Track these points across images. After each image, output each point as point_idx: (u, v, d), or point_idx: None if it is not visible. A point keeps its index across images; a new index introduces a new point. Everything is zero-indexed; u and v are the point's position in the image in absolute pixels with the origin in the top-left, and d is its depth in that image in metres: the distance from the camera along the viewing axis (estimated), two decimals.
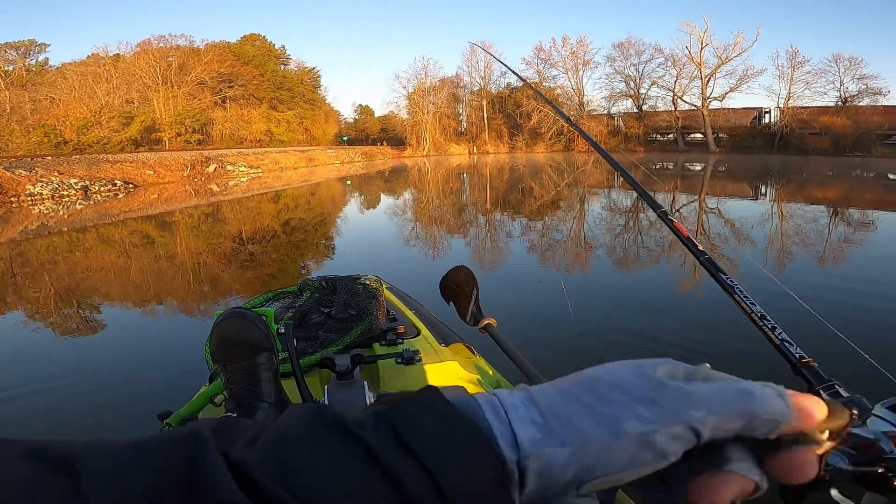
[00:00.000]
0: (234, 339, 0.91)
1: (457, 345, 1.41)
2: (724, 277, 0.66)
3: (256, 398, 0.90)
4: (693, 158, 29.12)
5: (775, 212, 8.54)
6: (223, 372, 0.93)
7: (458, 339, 1.51)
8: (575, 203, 10.62)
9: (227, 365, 0.92)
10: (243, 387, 0.90)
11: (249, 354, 0.91)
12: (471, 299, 1.39)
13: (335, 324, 1.33)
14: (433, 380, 1.14)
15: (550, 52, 40.51)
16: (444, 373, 1.15)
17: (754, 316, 0.57)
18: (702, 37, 34.97)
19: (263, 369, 0.92)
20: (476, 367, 1.26)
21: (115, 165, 15.90)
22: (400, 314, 1.58)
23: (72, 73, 32.19)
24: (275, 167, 23.72)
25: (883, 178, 16.30)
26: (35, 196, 12.15)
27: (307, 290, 1.51)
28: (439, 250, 5.97)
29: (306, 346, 1.24)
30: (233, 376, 0.91)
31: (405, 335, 1.39)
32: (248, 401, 0.89)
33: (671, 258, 5.01)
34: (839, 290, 3.79)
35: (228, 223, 8.83)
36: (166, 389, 2.31)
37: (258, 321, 0.93)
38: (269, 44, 42.00)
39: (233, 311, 0.93)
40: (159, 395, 2.26)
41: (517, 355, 1.19)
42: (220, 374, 0.95)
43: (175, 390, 2.16)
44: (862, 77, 32.08)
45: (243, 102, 37.31)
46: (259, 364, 0.91)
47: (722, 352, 2.63)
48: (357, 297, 1.39)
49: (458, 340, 1.48)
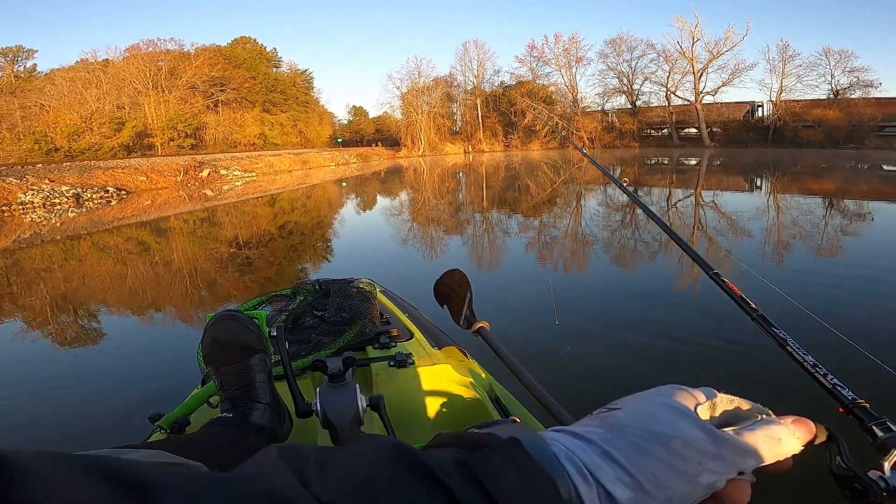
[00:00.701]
0: (226, 341, 0.91)
1: (450, 348, 1.41)
2: (777, 332, 0.68)
3: (252, 399, 0.90)
4: (688, 153, 29.21)
5: (781, 209, 8.51)
6: (216, 374, 0.92)
7: (451, 342, 1.51)
8: (571, 201, 10.58)
9: (220, 367, 0.91)
10: (238, 388, 0.90)
11: (242, 356, 0.91)
12: (464, 303, 1.40)
13: (328, 327, 1.33)
14: (426, 383, 1.14)
15: (543, 50, 40.55)
16: (436, 376, 1.16)
17: (807, 365, 0.60)
18: (693, 32, 35.08)
19: (257, 371, 0.92)
20: (469, 371, 1.26)
21: (107, 172, 15.78)
22: (393, 317, 1.59)
23: (61, 79, 31.95)
24: (269, 171, 23.63)
25: (878, 170, 16.36)
26: (26, 205, 12.02)
27: (300, 293, 1.51)
28: (433, 252, 5.95)
29: (299, 350, 1.24)
30: (226, 378, 0.91)
31: (398, 338, 1.40)
32: (244, 402, 0.89)
33: (666, 258, 5.00)
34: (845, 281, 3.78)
35: (223, 228, 8.80)
36: (157, 393, 2.30)
37: (250, 324, 0.93)
38: (261, 46, 41.84)
39: (224, 314, 0.93)
40: (151, 398, 2.26)
41: (510, 359, 1.20)
42: (212, 376, 0.94)
43: (166, 393, 2.17)
44: (853, 70, 32.29)
45: (236, 106, 37.15)
46: (252, 366, 0.91)
47: (720, 345, 2.61)
48: (350, 301, 1.39)
49: (451, 344, 1.48)
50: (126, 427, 1.99)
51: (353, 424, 0.79)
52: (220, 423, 0.86)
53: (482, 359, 1.40)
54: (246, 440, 0.82)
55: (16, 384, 2.63)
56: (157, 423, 0.99)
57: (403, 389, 1.13)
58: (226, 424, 0.85)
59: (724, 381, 0.40)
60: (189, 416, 1.02)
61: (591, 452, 0.25)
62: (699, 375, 2.36)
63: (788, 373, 0.70)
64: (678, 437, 0.26)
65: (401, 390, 1.13)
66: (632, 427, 0.26)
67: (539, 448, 0.25)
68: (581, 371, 2.49)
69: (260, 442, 0.83)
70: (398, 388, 1.13)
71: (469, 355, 1.41)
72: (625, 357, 2.63)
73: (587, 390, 2.29)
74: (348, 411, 0.79)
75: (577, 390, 2.27)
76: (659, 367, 2.48)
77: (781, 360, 0.63)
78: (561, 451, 0.25)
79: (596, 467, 0.24)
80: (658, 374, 2.38)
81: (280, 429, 0.92)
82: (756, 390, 0.77)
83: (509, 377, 1.20)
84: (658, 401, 0.28)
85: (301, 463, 0.23)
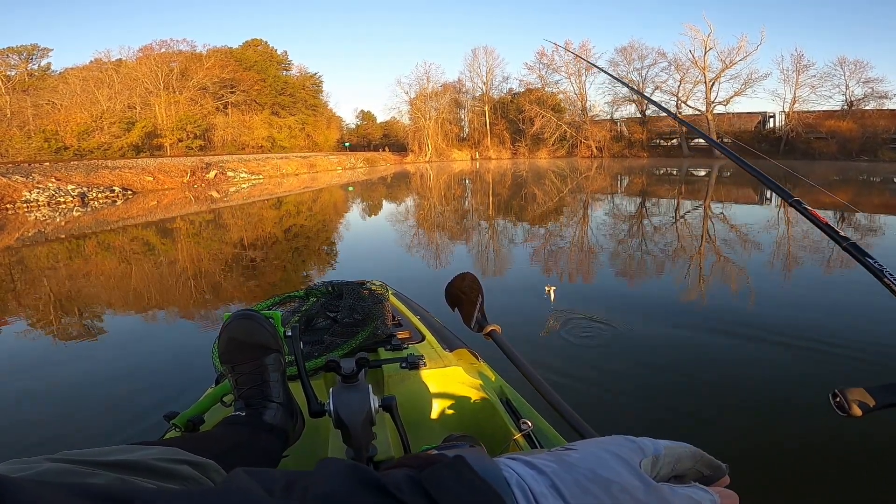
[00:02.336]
0: (242, 340, 0.91)
1: (461, 350, 1.43)
2: (871, 262, 0.67)
3: (266, 398, 0.90)
4: (698, 163, 28.97)
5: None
6: (231, 373, 0.93)
7: (462, 344, 1.53)
8: (578, 209, 10.43)
9: (235, 366, 0.92)
10: (252, 387, 0.91)
11: (258, 355, 0.92)
12: (476, 306, 1.40)
13: (341, 328, 1.34)
14: (437, 385, 1.17)
15: (553, 57, 40.47)
16: (447, 378, 1.18)
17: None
18: (705, 41, 34.91)
19: (272, 370, 0.92)
20: (479, 373, 1.27)
21: (114, 172, 15.77)
22: (405, 319, 1.62)
23: (74, 78, 32.22)
24: (276, 173, 23.62)
25: (889, 183, 16.06)
26: (31, 203, 11.99)
27: (313, 294, 1.53)
28: (444, 257, 5.87)
29: (312, 350, 1.26)
30: (241, 377, 0.92)
31: (410, 340, 1.43)
32: (258, 401, 0.90)
33: (674, 265, 4.83)
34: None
35: (230, 230, 8.75)
36: (172, 391, 2.35)
37: (266, 323, 0.93)
38: (271, 49, 42.09)
39: (241, 313, 0.93)
40: (166, 397, 2.30)
41: (521, 362, 1.19)
42: (227, 375, 0.95)
43: (180, 392, 2.23)
44: (867, 80, 32.00)
45: (245, 108, 37.33)
46: (267, 365, 0.92)
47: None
48: (363, 303, 1.41)
49: (462, 346, 1.49)
50: (143, 425, 2.05)
51: (366, 424, 0.79)
52: (233, 421, 0.87)
53: (493, 362, 1.40)
54: (258, 439, 0.83)
55: (30, 383, 2.67)
56: (172, 420, 1.01)
57: (415, 391, 1.15)
58: (239, 423, 0.86)
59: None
60: (203, 414, 1.04)
61: (540, 482, 0.28)
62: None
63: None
64: (618, 483, 0.29)
65: (412, 392, 1.15)
66: (581, 467, 0.29)
67: (489, 469, 0.28)
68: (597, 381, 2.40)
69: (272, 441, 0.85)
70: (410, 390, 1.15)
71: (480, 358, 1.41)
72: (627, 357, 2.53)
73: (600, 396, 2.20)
74: (361, 411, 0.79)
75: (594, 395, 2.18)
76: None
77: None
78: (512, 476, 0.28)
79: (542, 496, 0.27)
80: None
81: (293, 429, 0.93)
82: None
83: (520, 380, 1.19)
84: (610, 448, 0.31)
85: (268, 484, 0.26)
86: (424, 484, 0.25)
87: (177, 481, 0.52)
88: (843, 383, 0.62)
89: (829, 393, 0.61)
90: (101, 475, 0.46)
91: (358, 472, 0.26)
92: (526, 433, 0.99)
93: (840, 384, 0.61)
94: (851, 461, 1.69)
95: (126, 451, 0.53)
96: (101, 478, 0.46)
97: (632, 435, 0.34)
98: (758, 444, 1.78)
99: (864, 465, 1.67)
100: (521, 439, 0.98)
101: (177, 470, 0.54)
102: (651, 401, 2.17)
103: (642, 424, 1.98)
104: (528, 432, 0.99)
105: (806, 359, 2.52)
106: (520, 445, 0.97)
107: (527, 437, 0.98)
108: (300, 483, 0.26)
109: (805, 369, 2.42)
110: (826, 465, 1.68)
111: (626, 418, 2.03)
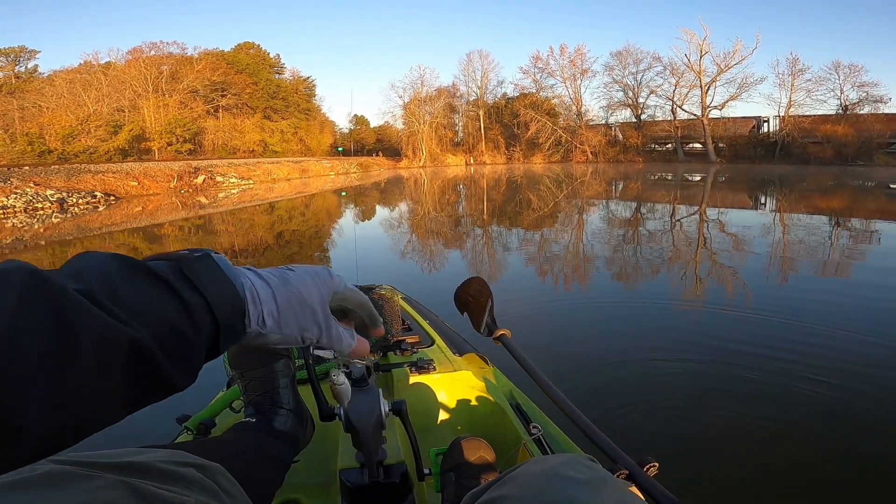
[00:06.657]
0: (252, 345, 0.63)
1: (470, 355, 1.42)
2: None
3: (275, 404, 0.90)
4: (693, 169, 28.81)
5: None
6: (240, 378, 0.93)
7: (471, 349, 1.53)
8: (574, 214, 10.13)
9: (244, 371, 0.92)
10: (261, 393, 0.90)
11: (267, 361, 0.92)
12: (485, 310, 1.39)
13: None
14: (447, 389, 1.20)
15: (548, 61, 40.38)
16: (457, 382, 1.20)
17: None
18: (701, 45, 34.91)
19: (281, 376, 0.92)
20: (489, 378, 1.28)
21: (97, 176, 15.20)
22: (415, 324, 1.62)
23: (60, 81, 31.57)
24: (267, 178, 23.11)
25: (885, 188, 15.85)
26: (7, 209, 11.45)
27: None
28: (450, 262, 5.67)
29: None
30: (250, 383, 0.92)
31: (419, 344, 1.45)
32: (267, 407, 0.89)
33: (670, 270, 4.48)
34: None
35: (221, 235, 8.40)
36: (184, 394, 1.95)
37: None
38: (264, 52, 41.65)
39: None
40: (178, 399, 1.93)
41: (531, 366, 1.16)
42: (236, 380, 0.95)
43: (192, 395, 1.86)
44: (862, 84, 32.06)
45: (236, 112, 36.80)
46: (277, 371, 0.92)
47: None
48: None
49: (471, 350, 1.49)
50: (156, 427, 1.89)
51: (376, 428, 0.79)
52: (243, 427, 0.87)
53: (503, 366, 1.40)
54: (268, 446, 0.82)
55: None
56: (184, 424, 1.02)
57: (424, 395, 1.18)
58: (249, 430, 0.85)
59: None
60: (214, 418, 1.04)
61: (268, 293, 0.38)
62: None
63: None
64: (310, 305, 0.41)
65: (422, 395, 1.17)
66: (293, 286, 0.40)
67: (231, 270, 0.36)
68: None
69: (282, 447, 0.84)
70: (419, 394, 1.18)
71: (490, 362, 1.40)
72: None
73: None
74: (371, 415, 0.79)
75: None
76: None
77: None
78: (247, 282, 0.37)
79: (265, 304, 0.38)
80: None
81: (303, 434, 0.92)
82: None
83: (531, 385, 1.16)
84: (313, 273, 0.43)
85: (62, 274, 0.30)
86: (184, 271, 0.33)
87: (180, 484, 0.52)
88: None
89: None
90: (102, 478, 0.46)
91: (128, 261, 0.31)
92: (536, 437, 0.98)
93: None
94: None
95: (132, 453, 0.54)
96: (102, 480, 0.45)
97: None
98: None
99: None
100: (531, 443, 0.97)
101: (181, 472, 0.53)
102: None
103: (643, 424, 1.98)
104: (538, 436, 0.98)
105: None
106: (529, 449, 0.97)
107: (537, 441, 0.98)
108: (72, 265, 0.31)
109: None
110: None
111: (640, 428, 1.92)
